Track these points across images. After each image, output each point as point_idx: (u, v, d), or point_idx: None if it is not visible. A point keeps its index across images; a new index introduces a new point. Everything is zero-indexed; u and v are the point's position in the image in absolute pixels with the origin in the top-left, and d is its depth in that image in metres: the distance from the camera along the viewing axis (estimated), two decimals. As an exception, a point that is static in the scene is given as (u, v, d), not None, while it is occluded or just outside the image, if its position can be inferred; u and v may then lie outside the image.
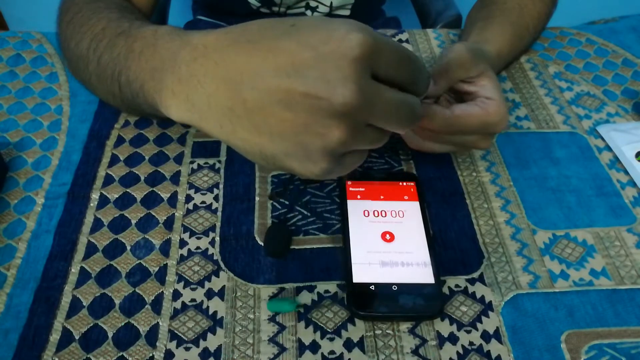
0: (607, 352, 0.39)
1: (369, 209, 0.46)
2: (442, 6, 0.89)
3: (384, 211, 0.45)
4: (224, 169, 0.50)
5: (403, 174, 0.50)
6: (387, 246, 0.43)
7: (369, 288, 0.41)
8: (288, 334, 0.39)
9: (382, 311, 0.40)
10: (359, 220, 0.45)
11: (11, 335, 0.39)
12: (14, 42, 0.62)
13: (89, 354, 0.38)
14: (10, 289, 0.41)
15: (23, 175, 0.49)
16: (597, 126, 0.55)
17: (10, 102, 0.56)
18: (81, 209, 0.47)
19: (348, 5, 0.81)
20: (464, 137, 0.45)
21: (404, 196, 0.47)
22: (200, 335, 0.39)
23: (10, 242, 0.44)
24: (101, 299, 0.41)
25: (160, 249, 0.44)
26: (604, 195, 0.49)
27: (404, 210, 0.46)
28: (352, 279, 0.41)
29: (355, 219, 0.45)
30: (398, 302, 0.40)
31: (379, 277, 0.41)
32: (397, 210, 0.46)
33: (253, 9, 0.80)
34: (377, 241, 0.43)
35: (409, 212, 0.46)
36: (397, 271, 0.41)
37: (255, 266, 0.43)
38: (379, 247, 0.43)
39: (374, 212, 0.45)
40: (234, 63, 0.32)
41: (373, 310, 0.40)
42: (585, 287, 0.43)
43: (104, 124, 0.54)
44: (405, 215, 0.45)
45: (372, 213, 0.45)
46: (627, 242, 0.46)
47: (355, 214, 0.45)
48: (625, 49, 0.64)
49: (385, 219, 0.45)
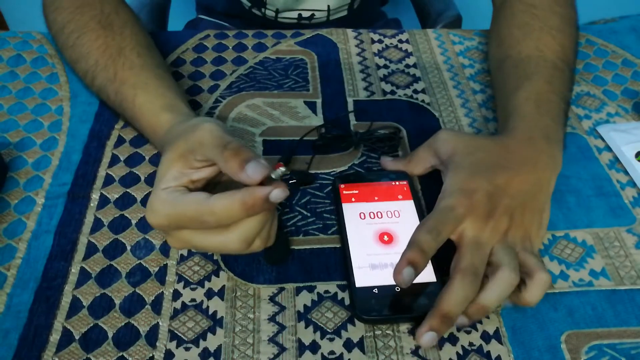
0: (607, 352, 0.39)
1: (364, 211, 0.46)
2: (442, 7, 0.89)
3: (379, 212, 0.46)
4: (224, 169, 0.50)
5: (394, 174, 0.49)
6: (386, 247, 0.43)
7: (372, 292, 0.40)
8: (288, 334, 0.40)
9: (387, 314, 0.40)
10: (355, 223, 0.45)
11: (11, 335, 0.39)
12: (14, 42, 0.63)
13: (89, 354, 0.38)
14: (11, 289, 0.41)
15: (23, 175, 0.49)
16: (597, 126, 0.55)
17: (11, 103, 0.56)
18: (81, 209, 0.47)
19: (344, 7, 0.81)
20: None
21: (398, 195, 0.47)
22: (200, 335, 0.39)
23: (10, 242, 0.44)
24: (101, 299, 0.41)
25: (160, 249, 0.44)
26: (604, 196, 0.49)
27: (400, 210, 0.46)
28: (354, 283, 0.41)
29: (352, 223, 0.45)
30: (402, 304, 0.40)
31: (381, 279, 0.41)
32: (392, 210, 0.46)
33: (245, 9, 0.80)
34: (375, 243, 0.43)
35: (405, 212, 0.46)
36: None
37: (255, 266, 0.43)
38: (378, 249, 0.43)
39: (370, 213, 0.45)
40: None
41: (378, 314, 0.40)
42: (585, 288, 0.43)
43: (104, 125, 0.54)
44: (401, 215, 0.45)
45: (367, 215, 0.45)
46: (627, 242, 0.46)
47: (352, 217, 0.45)
48: (625, 49, 0.64)
49: (382, 220, 0.45)
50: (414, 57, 0.63)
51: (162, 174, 0.38)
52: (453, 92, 0.59)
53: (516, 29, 0.55)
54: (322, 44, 0.65)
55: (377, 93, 0.59)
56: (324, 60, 0.62)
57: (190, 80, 0.59)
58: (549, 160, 0.45)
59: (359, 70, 0.61)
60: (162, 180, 0.38)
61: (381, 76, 0.61)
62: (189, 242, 0.38)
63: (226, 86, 0.58)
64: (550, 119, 0.47)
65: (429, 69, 0.62)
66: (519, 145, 0.44)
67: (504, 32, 0.57)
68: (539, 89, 0.49)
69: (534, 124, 0.46)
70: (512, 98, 0.49)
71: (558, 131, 0.47)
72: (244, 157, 0.36)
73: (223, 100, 0.57)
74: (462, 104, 0.58)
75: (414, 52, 0.64)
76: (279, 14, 0.79)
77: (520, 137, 0.45)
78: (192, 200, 0.36)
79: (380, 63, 0.62)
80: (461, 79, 0.61)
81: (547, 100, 0.48)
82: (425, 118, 0.56)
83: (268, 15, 0.80)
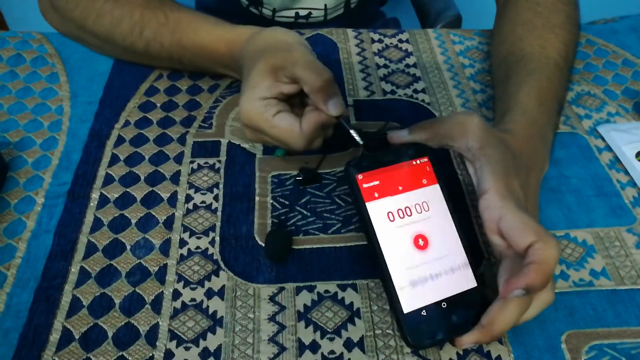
0: (607, 352, 0.39)
1: (392, 210, 0.39)
2: (442, 6, 0.89)
3: (408, 208, 0.40)
4: (224, 169, 0.50)
5: (411, 148, 0.42)
6: (423, 256, 0.39)
7: (420, 315, 0.37)
8: (288, 333, 0.39)
9: (441, 337, 0.37)
10: (386, 229, 0.39)
11: (11, 334, 0.39)
12: (14, 42, 0.62)
13: (89, 354, 0.38)
14: (10, 288, 0.41)
15: (23, 175, 0.49)
16: (598, 126, 0.55)
17: (11, 102, 0.56)
18: (81, 209, 0.47)
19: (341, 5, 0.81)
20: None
21: (423, 180, 0.41)
22: (200, 335, 0.39)
23: (10, 242, 0.44)
24: (101, 298, 0.41)
25: (160, 248, 0.44)
26: (604, 196, 0.49)
27: (428, 201, 0.40)
28: (401, 309, 0.37)
29: (382, 228, 0.39)
30: (451, 321, 0.38)
31: (427, 297, 0.38)
32: (421, 202, 0.40)
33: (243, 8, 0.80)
34: (411, 252, 0.39)
35: (433, 202, 0.41)
36: (441, 284, 0.38)
37: (255, 266, 0.43)
38: (416, 259, 0.39)
39: (399, 211, 0.39)
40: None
41: (432, 340, 0.37)
42: (585, 288, 0.43)
43: (104, 124, 0.54)
44: (430, 208, 0.40)
45: (396, 214, 0.39)
46: (627, 242, 0.46)
47: (381, 221, 0.39)
48: (626, 49, 0.64)
49: (412, 219, 0.40)
50: (414, 56, 0.63)
51: (256, 81, 0.44)
52: (453, 92, 0.59)
53: (519, 26, 0.55)
54: (322, 43, 0.65)
55: (377, 93, 0.59)
56: (324, 59, 0.62)
57: (190, 80, 0.59)
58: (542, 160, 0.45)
59: (359, 69, 0.61)
60: (257, 88, 0.44)
61: (381, 76, 0.61)
62: (264, 140, 0.46)
63: (226, 86, 0.58)
64: (546, 118, 0.47)
65: (429, 68, 0.62)
66: (519, 144, 0.44)
67: (508, 29, 0.57)
68: (540, 86, 0.49)
69: (533, 120, 0.46)
70: (513, 92, 0.49)
71: (549, 131, 0.47)
72: (330, 91, 0.43)
73: (223, 100, 0.57)
74: (462, 104, 0.58)
75: (414, 52, 0.64)
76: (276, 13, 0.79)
77: (520, 134, 0.45)
78: (287, 128, 0.43)
79: (380, 63, 0.62)
80: (461, 78, 0.61)
81: (546, 98, 0.48)
82: (426, 118, 0.56)
83: (265, 14, 0.79)
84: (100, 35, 0.56)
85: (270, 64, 0.44)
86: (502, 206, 0.38)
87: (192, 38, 0.53)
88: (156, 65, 0.59)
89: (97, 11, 0.55)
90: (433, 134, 0.43)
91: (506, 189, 0.38)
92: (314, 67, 0.43)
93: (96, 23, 0.55)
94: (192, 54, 0.54)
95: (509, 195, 0.38)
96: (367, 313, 0.41)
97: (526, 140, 0.44)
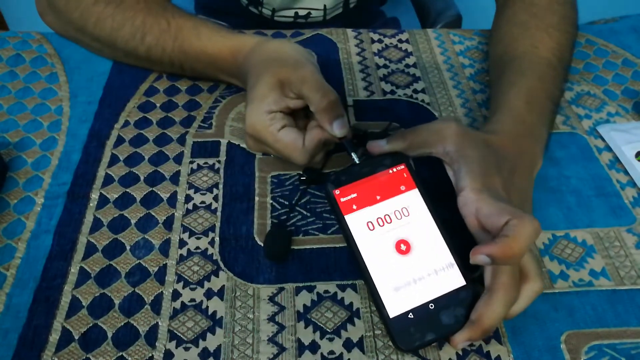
0: (607, 352, 0.39)
1: (371, 220, 0.41)
2: (442, 6, 0.89)
3: (387, 216, 0.41)
4: (223, 169, 0.50)
5: (388, 158, 0.43)
6: (406, 260, 0.40)
7: (407, 318, 0.38)
8: (287, 334, 0.39)
9: (430, 338, 0.37)
10: (366, 238, 0.40)
11: (11, 335, 0.39)
12: (14, 42, 0.62)
13: (89, 354, 0.38)
14: (10, 288, 0.41)
15: (23, 175, 0.49)
16: (597, 126, 0.55)
17: (10, 103, 0.56)
18: (81, 209, 0.47)
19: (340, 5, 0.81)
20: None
21: (401, 187, 0.42)
22: (200, 335, 0.39)
23: (9, 242, 0.44)
24: (101, 299, 0.41)
25: (159, 249, 0.44)
26: (604, 196, 0.49)
27: (408, 207, 0.41)
28: (387, 315, 0.38)
29: (363, 238, 0.40)
30: (440, 321, 0.38)
31: (413, 300, 0.38)
32: (400, 209, 0.41)
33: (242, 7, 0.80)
34: (394, 257, 0.40)
35: (413, 207, 0.41)
36: (427, 285, 0.39)
37: (255, 266, 0.43)
38: (399, 264, 0.39)
39: (378, 220, 0.41)
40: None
41: (420, 342, 0.37)
42: (585, 288, 0.43)
43: (104, 124, 0.54)
44: (410, 213, 0.41)
45: (376, 223, 0.40)
46: (627, 242, 0.46)
47: (360, 232, 0.40)
48: (626, 49, 0.64)
49: (392, 226, 0.40)
50: (414, 56, 0.63)
51: (263, 94, 0.45)
52: (453, 92, 0.59)
53: (515, 27, 0.56)
54: (321, 43, 0.65)
55: (377, 93, 0.59)
56: (323, 59, 0.62)
57: (190, 80, 0.59)
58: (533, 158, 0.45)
59: (358, 70, 0.61)
60: (264, 101, 0.45)
61: (381, 76, 0.61)
62: (266, 151, 0.49)
63: (226, 86, 0.58)
64: (536, 116, 0.47)
65: (428, 68, 0.62)
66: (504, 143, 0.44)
67: (504, 30, 0.57)
68: (530, 85, 0.49)
69: (521, 119, 0.46)
70: (503, 92, 0.49)
71: (541, 130, 0.47)
72: (336, 112, 0.44)
73: (223, 100, 0.57)
74: (462, 104, 0.58)
75: (414, 52, 0.64)
76: (275, 12, 0.79)
77: (506, 133, 0.45)
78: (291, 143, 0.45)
79: (380, 63, 0.62)
80: (461, 78, 0.60)
81: (536, 97, 0.48)
82: (425, 118, 0.56)
83: (264, 14, 0.79)
84: (101, 39, 0.56)
85: (277, 78, 0.45)
86: (478, 199, 0.39)
87: (194, 44, 0.53)
88: (157, 70, 0.59)
89: (97, 15, 0.55)
90: (411, 142, 0.43)
91: (483, 185, 0.39)
92: (321, 88, 0.44)
93: (96, 26, 0.55)
94: (193, 60, 0.54)
95: (486, 191, 0.39)
96: (366, 313, 0.41)
97: (512, 139, 0.44)
